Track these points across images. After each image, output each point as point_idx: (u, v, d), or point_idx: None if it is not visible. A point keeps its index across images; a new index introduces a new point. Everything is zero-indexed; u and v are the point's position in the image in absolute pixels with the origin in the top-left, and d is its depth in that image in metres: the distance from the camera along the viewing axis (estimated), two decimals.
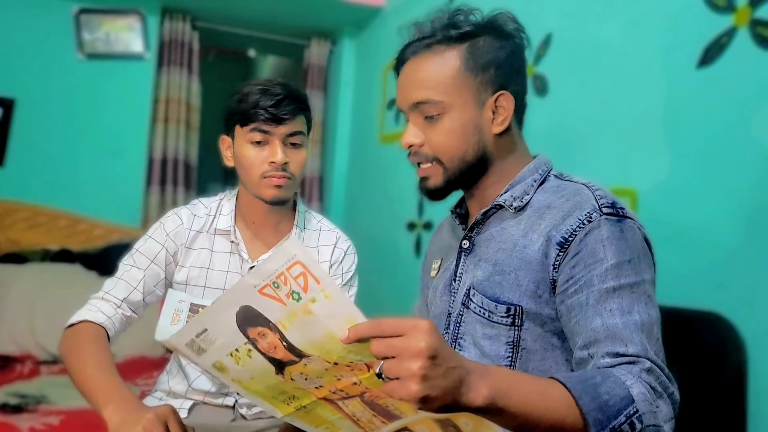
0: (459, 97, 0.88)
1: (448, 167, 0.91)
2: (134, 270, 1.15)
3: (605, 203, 0.83)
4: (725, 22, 1.25)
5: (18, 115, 2.78)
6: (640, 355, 0.73)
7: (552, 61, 1.75)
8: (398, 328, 0.57)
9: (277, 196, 1.14)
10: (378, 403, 0.67)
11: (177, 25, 3.08)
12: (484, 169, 0.92)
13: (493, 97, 0.89)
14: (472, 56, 0.88)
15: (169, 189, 3.06)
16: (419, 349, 0.56)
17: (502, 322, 0.86)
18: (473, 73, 0.88)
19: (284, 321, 0.62)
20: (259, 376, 0.70)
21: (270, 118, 1.11)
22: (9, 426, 1.56)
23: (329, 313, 0.59)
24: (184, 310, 0.95)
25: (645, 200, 1.42)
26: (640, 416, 0.67)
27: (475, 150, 0.90)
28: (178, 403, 1.19)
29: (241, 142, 1.15)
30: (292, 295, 0.59)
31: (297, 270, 0.57)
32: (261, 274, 0.59)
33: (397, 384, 0.57)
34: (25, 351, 2.29)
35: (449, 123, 0.89)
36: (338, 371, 0.64)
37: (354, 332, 0.58)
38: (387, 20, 2.89)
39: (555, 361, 0.86)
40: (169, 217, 1.20)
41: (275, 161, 1.11)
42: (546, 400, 0.65)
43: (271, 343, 0.65)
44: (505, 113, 0.90)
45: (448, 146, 0.89)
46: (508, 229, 0.90)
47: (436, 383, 0.57)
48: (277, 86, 1.13)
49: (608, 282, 0.78)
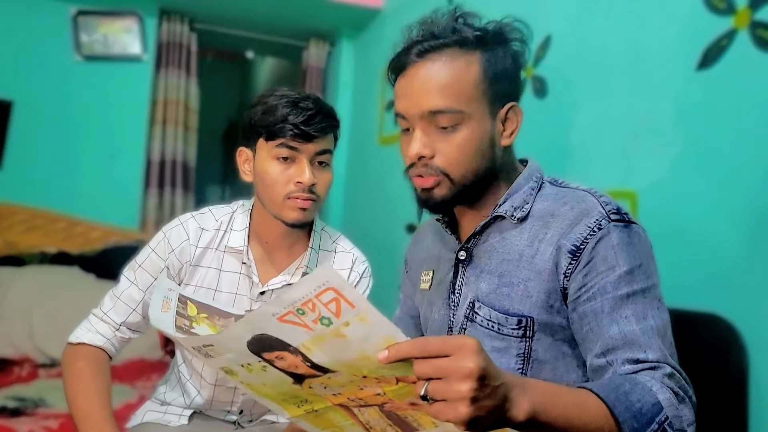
0: (478, 107, 0.83)
1: (457, 182, 0.85)
2: (133, 289, 1.10)
3: (612, 209, 0.82)
4: (725, 24, 1.25)
5: (15, 117, 2.78)
6: (660, 360, 0.74)
7: (551, 63, 1.75)
8: (444, 347, 0.55)
9: (299, 220, 1.06)
10: (397, 414, 0.66)
11: (175, 27, 3.08)
12: (490, 182, 0.89)
13: (504, 109, 0.86)
14: (491, 64, 0.84)
15: (167, 191, 3.06)
16: (469, 370, 0.53)
17: (513, 334, 0.85)
18: (491, 82, 0.84)
19: (308, 344, 0.59)
20: (273, 384, 0.68)
21: (299, 134, 1.03)
22: (8, 429, 1.55)
23: (364, 335, 0.56)
24: (173, 299, 0.93)
25: (645, 202, 1.42)
26: (670, 422, 0.68)
27: (487, 164, 0.86)
28: (178, 411, 1.18)
29: (265, 157, 1.06)
30: (321, 321, 0.56)
31: (329, 296, 0.54)
32: (283, 302, 0.56)
33: (444, 406, 0.54)
34: (23, 354, 2.28)
35: (467, 135, 0.83)
36: (364, 383, 0.62)
37: (395, 352, 0.55)
38: (385, 22, 2.89)
39: (566, 369, 0.85)
40: (174, 230, 1.11)
41: (302, 182, 1.03)
42: (583, 411, 0.64)
43: (291, 363, 0.63)
44: (514, 125, 0.87)
45: (462, 160, 0.83)
46: (511, 239, 0.87)
47: (484, 404, 0.55)
48: (308, 100, 1.05)
49: (622, 289, 0.78)
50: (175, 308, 0.92)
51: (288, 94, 1.05)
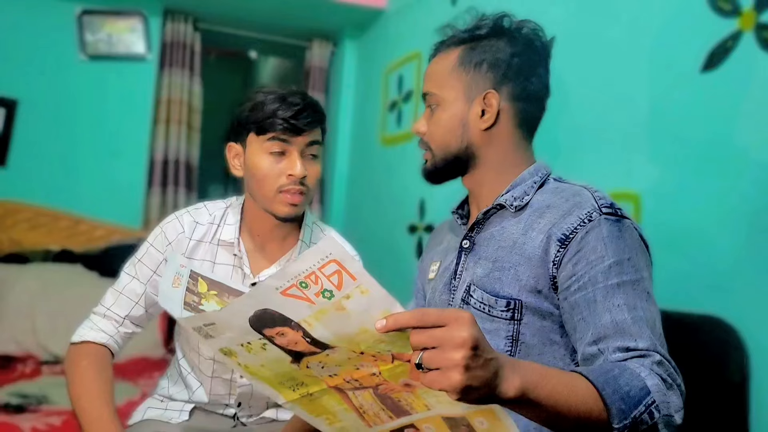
0: (450, 91, 0.96)
1: (437, 155, 0.98)
2: (135, 283, 1.13)
3: (604, 204, 0.86)
4: (730, 26, 1.25)
5: (20, 116, 2.79)
6: (649, 348, 0.76)
7: (555, 64, 1.74)
8: (440, 318, 0.57)
9: (290, 214, 1.09)
10: (391, 397, 0.67)
11: (179, 27, 3.09)
12: (469, 162, 0.97)
13: (482, 95, 0.94)
14: (468, 54, 0.95)
15: (170, 190, 3.07)
16: (463, 339, 0.56)
17: (502, 316, 0.88)
18: (465, 69, 0.95)
19: (310, 319, 0.61)
20: (271, 364, 0.69)
21: (289, 128, 1.06)
22: (11, 426, 1.56)
23: (364, 307, 0.58)
24: (184, 275, 0.95)
25: (647, 204, 1.42)
26: (657, 406, 0.70)
27: (458, 142, 0.96)
28: (179, 405, 1.19)
29: (256, 151, 1.08)
30: (323, 293, 0.58)
31: (331, 268, 0.56)
32: (287, 275, 0.58)
33: (438, 374, 0.57)
34: (26, 351, 2.29)
35: (440, 114, 0.97)
36: (360, 360, 0.64)
37: (393, 321, 0.57)
38: (388, 22, 2.89)
39: (553, 356, 0.88)
40: (170, 223, 1.15)
41: (294, 174, 1.06)
42: (573, 392, 0.66)
43: (291, 340, 0.64)
44: (491, 111, 0.94)
45: (436, 135, 0.97)
46: (508, 229, 0.92)
47: (476, 374, 0.57)
48: (296, 95, 1.08)
49: (612, 278, 0.80)
50: (185, 284, 0.94)
51: (275, 90, 1.09)
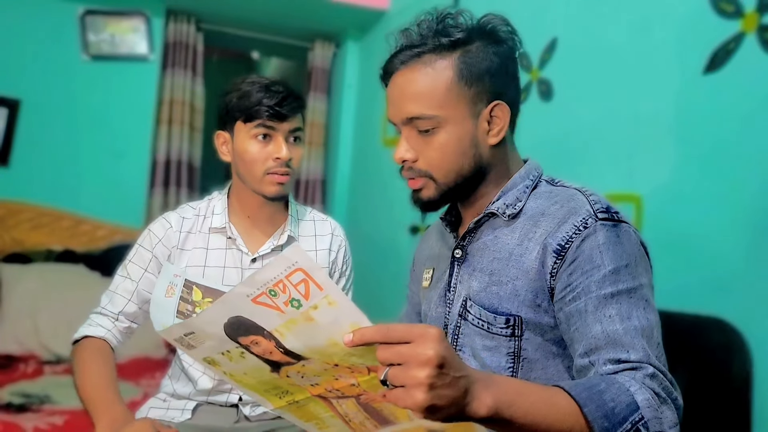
0: (454, 110, 0.84)
1: (441, 182, 0.87)
2: (127, 282, 1.19)
3: (600, 208, 0.82)
4: (733, 28, 1.25)
5: (23, 116, 2.79)
6: (642, 360, 0.72)
7: (557, 65, 1.75)
8: (406, 334, 0.56)
9: (278, 193, 1.18)
10: (373, 407, 0.67)
11: (181, 27, 3.09)
12: (480, 180, 0.90)
13: (488, 108, 0.86)
14: (466, 66, 0.84)
15: (172, 190, 3.07)
16: (427, 357, 0.54)
17: (502, 333, 0.85)
18: (467, 83, 0.84)
19: (281, 329, 0.60)
20: (253, 372, 0.69)
21: (274, 114, 1.14)
22: (13, 425, 1.56)
23: (332, 319, 0.57)
24: (178, 284, 0.96)
25: (650, 206, 1.42)
26: (646, 423, 0.67)
27: (471, 163, 0.87)
28: (181, 404, 1.20)
29: (244, 137, 1.17)
30: (291, 302, 0.57)
31: (298, 277, 0.56)
32: (256, 282, 0.57)
33: (402, 392, 0.55)
34: (28, 351, 2.29)
35: (445, 137, 0.85)
36: (337, 372, 0.63)
37: (359, 336, 0.56)
38: (391, 23, 2.89)
39: (557, 369, 0.85)
40: (157, 223, 1.22)
41: (280, 157, 1.14)
42: (552, 409, 0.64)
43: (265, 349, 0.64)
44: (501, 123, 0.87)
45: (443, 162, 0.86)
46: (502, 238, 0.88)
47: (442, 393, 0.55)
48: (278, 84, 1.17)
49: (606, 288, 0.77)
50: (179, 294, 0.94)
51: (259, 80, 1.17)
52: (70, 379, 1.11)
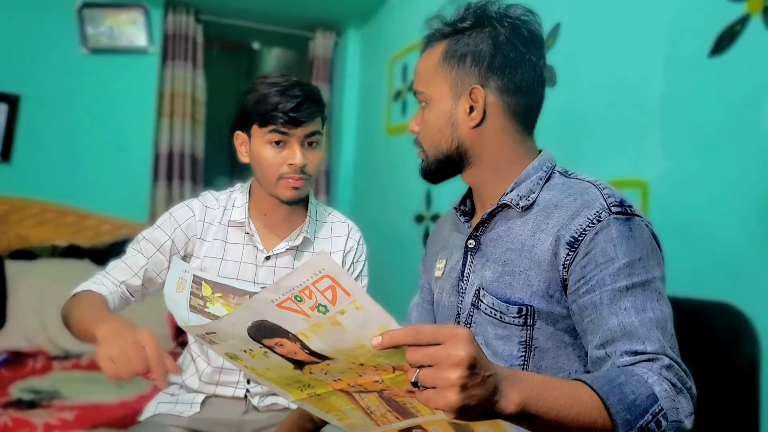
0: (436, 88, 0.91)
1: (429, 155, 0.95)
2: (138, 256, 1.18)
3: (613, 202, 0.82)
4: (738, 10, 1.23)
5: (23, 111, 2.79)
6: (658, 352, 0.74)
7: (561, 51, 1.73)
8: (436, 336, 0.56)
9: (293, 197, 1.17)
10: (396, 401, 0.67)
11: (180, 19, 3.07)
12: (463, 161, 0.93)
13: (467, 91, 0.89)
14: (451, 49, 0.90)
15: (176, 183, 3.07)
16: (459, 358, 0.54)
17: (514, 322, 0.86)
18: (450, 65, 0.90)
19: (306, 332, 0.60)
20: (275, 369, 0.69)
21: (289, 120, 1.12)
22: (24, 421, 1.57)
23: (360, 323, 0.57)
24: (187, 280, 0.96)
25: (656, 192, 1.41)
26: (665, 413, 0.68)
27: (448, 142, 0.91)
28: (190, 398, 1.20)
29: (259, 141, 1.16)
30: (317, 308, 0.57)
31: (325, 283, 0.55)
32: (281, 288, 0.57)
33: (434, 393, 0.55)
34: (36, 347, 2.31)
35: (428, 114, 0.93)
36: (362, 370, 0.63)
37: (388, 339, 0.56)
38: (392, 11, 2.87)
39: (567, 358, 0.86)
40: (180, 209, 1.22)
41: (294, 163, 1.13)
42: (575, 402, 0.64)
43: (290, 350, 0.64)
44: (478, 107, 0.89)
45: (426, 136, 0.94)
46: (516, 229, 0.89)
47: (473, 393, 0.56)
48: (296, 87, 1.14)
49: (621, 281, 0.78)
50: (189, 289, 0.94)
51: (278, 82, 1.15)
52: (80, 375, 1.10)
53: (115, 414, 1.64)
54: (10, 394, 1.80)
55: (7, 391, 1.83)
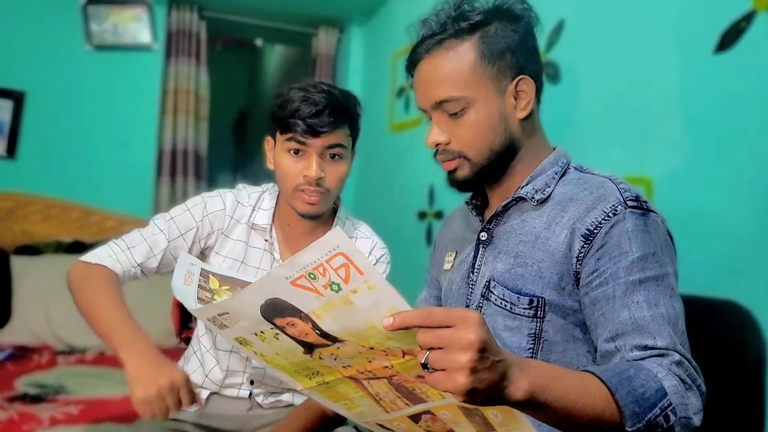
0: (480, 89, 0.87)
1: (475, 161, 0.90)
2: (161, 237, 1.15)
3: (629, 196, 0.83)
4: (743, 6, 1.23)
5: (28, 108, 2.80)
6: (668, 347, 0.74)
7: (565, 47, 1.73)
8: (447, 318, 0.56)
9: (308, 212, 1.12)
10: (405, 387, 0.67)
11: (184, 15, 3.08)
12: (511, 157, 0.92)
13: (513, 83, 0.89)
14: (487, 45, 0.87)
15: (179, 180, 3.08)
16: (470, 341, 0.55)
17: (524, 313, 0.86)
18: (490, 62, 0.87)
19: (318, 311, 0.61)
20: (285, 353, 0.70)
21: (307, 130, 1.06)
22: (30, 416, 1.58)
23: (372, 303, 0.57)
24: (195, 273, 0.96)
25: (660, 188, 1.41)
26: (674, 408, 0.68)
27: (502, 139, 0.89)
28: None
29: (280, 149, 1.12)
30: (330, 286, 0.57)
31: (339, 261, 0.56)
32: (295, 265, 0.57)
33: (444, 375, 0.56)
34: (41, 341, 2.32)
35: (474, 117, 0.88)
36: (371, 355, 0.64)
37: (400, 320, 0.56)
38: (395, 8, 2.86)
39: (576, 352, 0.86)
40: (213, 198, 1.18)
41: (308, 175, 1.08)
42: (584, 393, 0.64)
43: (301, 330, 0.64)
44: (527, 97, 0.89)
45: (475, 140, 0.89)
46: (530, 222, 0.89)
47: (483, 376, 0.56)
48: (320, 93, 1.07)
49: (634, 274, 0.78)
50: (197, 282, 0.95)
51: (304, 87, 1.08)
52: (85, 369, 1.09)
53: (119, 408, 1.65)
54: (15, 389, 1.81)
55: (13, 385, 1.84)
